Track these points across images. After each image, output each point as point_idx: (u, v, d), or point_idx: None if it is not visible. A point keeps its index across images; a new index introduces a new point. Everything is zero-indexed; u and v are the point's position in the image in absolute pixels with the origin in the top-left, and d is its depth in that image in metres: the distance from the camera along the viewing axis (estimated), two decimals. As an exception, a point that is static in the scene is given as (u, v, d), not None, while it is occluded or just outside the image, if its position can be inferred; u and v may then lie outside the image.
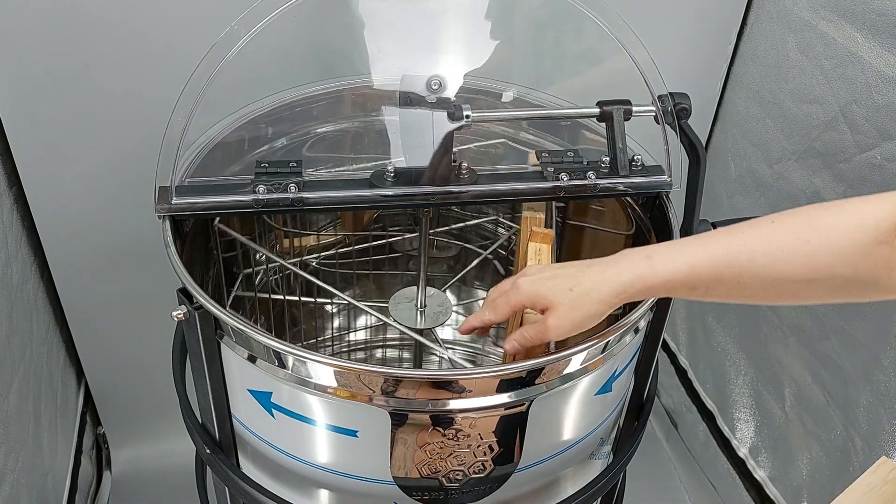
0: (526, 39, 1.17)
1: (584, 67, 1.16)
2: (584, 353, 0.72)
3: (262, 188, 0.81)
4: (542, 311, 0.66)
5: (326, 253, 1.13)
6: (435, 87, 0.81)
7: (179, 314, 0.72)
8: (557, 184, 0.86)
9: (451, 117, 0.80)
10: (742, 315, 1.34)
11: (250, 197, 0.80)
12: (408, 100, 0.81)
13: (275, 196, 0.80)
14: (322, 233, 1.11)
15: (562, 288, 0.64)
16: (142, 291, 1.25)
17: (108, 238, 1.20)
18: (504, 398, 0.71)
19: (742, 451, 1.36)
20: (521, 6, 1.15)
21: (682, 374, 1.55)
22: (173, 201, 0.79)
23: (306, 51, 1.09)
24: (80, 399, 1.38)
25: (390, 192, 0.83)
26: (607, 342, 0.74)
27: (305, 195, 0.81)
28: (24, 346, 1.09)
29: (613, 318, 0.93)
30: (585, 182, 0.86)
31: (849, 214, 0.60)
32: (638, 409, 0.92)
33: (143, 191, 0.91)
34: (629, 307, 0.87)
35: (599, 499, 0.92)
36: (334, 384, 0.69)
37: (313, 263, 1.12)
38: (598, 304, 0.64)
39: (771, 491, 1.28)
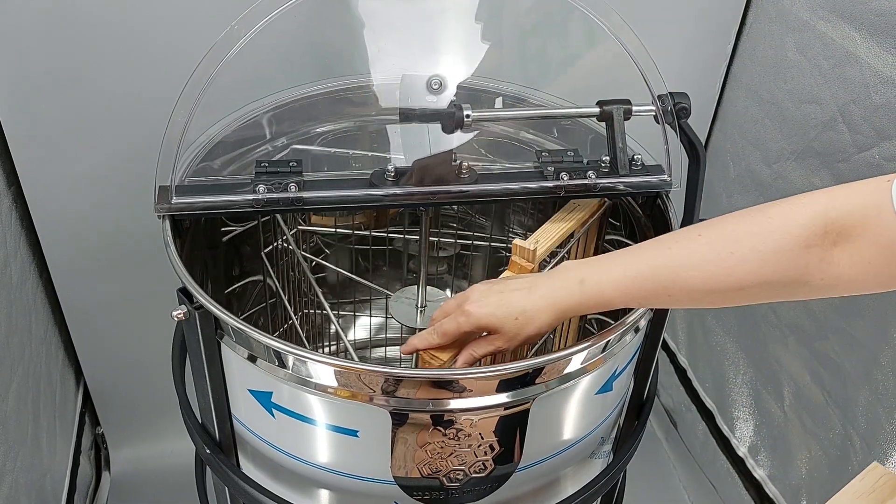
0: (526, 39, 1.17)
1: (584, 67, 1.16)
2: (585, 352, 0.72)
3: (262, 188, 0.81)
4: (489, 334, 0.70)
5: (327, 253, 1.13)
6: (435, 87, 0.82)
7: (179, 314, 0.72)
8: (558, 183, 0.86)
9: (451, 117, 0.80)
10: (741, 314, 1.34)
11: (250, 196, 0.80)
12: (408, 100, 0.81)
13: (275, 196, 0.80)
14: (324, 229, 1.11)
15: (508, 315, 0.68)
16: (140, 291, 1.25)
17: (107, 238, 1.20)
18: (505, 398, 0.71)
19: (741, 450, 1.36)
20: (520, 6, 1.15)
21: (681, 373, 1.56)
22: (173, 201, 0.79)
23: (306, 50, 1.09)
24: (78, 399, 1.38)
25: (390, 191, 0.83)
26: (607, 342, 0.74)
27: (305, 195, 0.81)
28: (22, 345, 1.09)
29: (614, 318, 0.93)
30: (586, 181, 0.86)
31: (773, 221, 0.60)
32: (638, 409, 0.92)
33: (142, 190, 0.91)
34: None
35: (599, 498, 0.92)
36: (335, 384, 0.69)
37: (314, 263, 1.12)
38: (540, 327, 0.68)
39: (770, 490, 1.28)
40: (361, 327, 1.25)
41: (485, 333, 0.71)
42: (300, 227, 1.07)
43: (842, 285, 0.59)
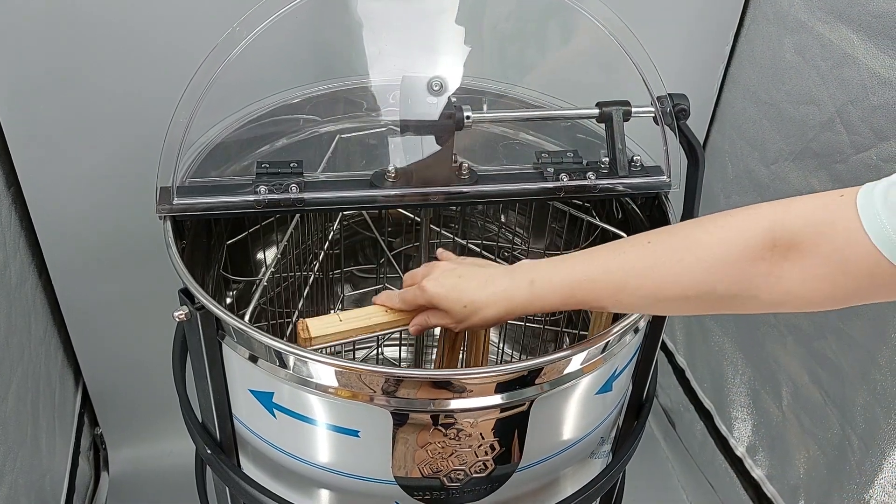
0: (526, 40, 1.18)
1: (583, 68, 1.17)
2: (585, 353, 0.72)
3: (263, 188, 0.81)
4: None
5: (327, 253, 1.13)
6: (436, 88, 0.82)
7: (181, 314, 0.72)
8: (557, 184, 0.86)
9: (452, 118, 0.80)
10: (740, 314, 1.35)
11: (251, 197, 0.80)
12: (408, 100, 0.81)
13: (276, 196, 0.81)
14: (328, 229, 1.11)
15: (458, 301, 0.69)
16: (139, 291, 1.25)
17: (107, 238, 1.20)
18: (505, 398, 0.71)
19: (739, 450, 1.36)
20: (520, 8, 1.15)
21: (679, 373, 1.56)
22: (175, 202, 0.80)
23: (307, 51, 1.09)
24: (77, 399, 1.38)
25: (391, 192, 0.83)
26: (607, 342, 0.74)
27: (306, 195, 0.81)
28: (22, 346, 1.09)
29: (614, 318, 0.94)
30: (585, 182, 0.87)
31: (721, 231, 0.60)
32: (637, 409, 0.93)
33: (142, 191, 0.91)
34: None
35: (599, 498, 0.93)
36: (335, 384, 0.70)
37: (315, 263, 1.12)
38: (486, 319, 0.69)
39: (768, 489, 1.29)
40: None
41: None
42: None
43: (791, 301, 0.58)
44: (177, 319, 0.72)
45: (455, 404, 0.70)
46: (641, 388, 0.91)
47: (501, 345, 1.23)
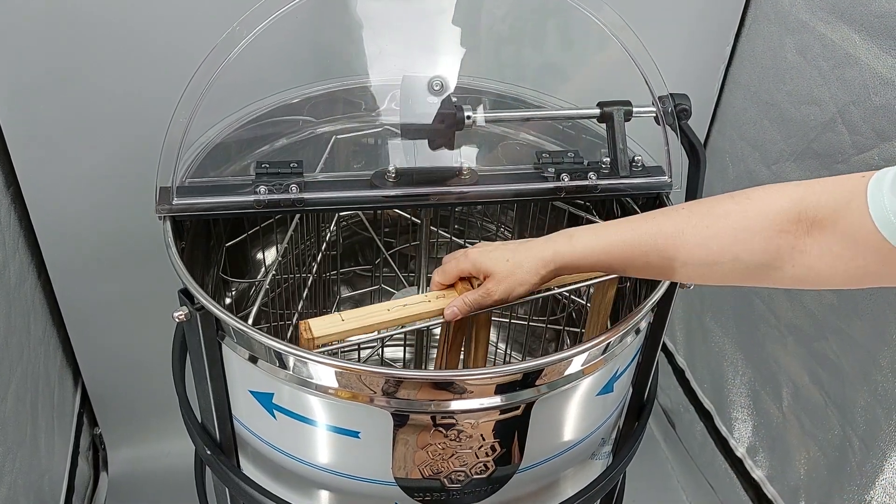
0: (527, 40, 1.17)
1: (584, 68, 1.17)
2: (586, 354, 0.72)
3: (263, 188, 0.80)
4: (483, 279, 0.74)
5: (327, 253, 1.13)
6: (436, 88, 0.81)
7: (181, 315, 0.72)
8: (559, 184, 0.86)
9: (452, 118, 0.80)
10: (739, 315, 1.34)
11: (251, 198, 0.80)
12: (408, 100, 0.81)
13: (276, 196, 0.80)
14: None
15: (500, 259, 0.73)
16: (139, 291, 1.25)
17: (106, 238, 1.20)
18: (506, 399, 0.71)
19: (740, 451, 1.36)
20: (522, 7, 1.15)
21: (679, 374, 1.56)
22: (174, 202, 0.79)
23: (307, 51, 1.09)
24: (76, 399, 1.38)
25: (391, 192, 0.83)
26: (608, 343, 0.74)
27: (306, 196, 0.81)
28: (21, 346, 1.09)
29: (614, 319, 0.94)
30: (586, 183, 0.87)
31: (751, 202, 0.63)
32: (638, 410, 0.92)
33: (141, 191, 0.91)
34: (629, 308, 0.87)
35: (599, 499, 0.92)
36: (335, 385, 0.69)
37: (315, 264, 1.12)
38: (527, 274, 0.72)
39: (769, 490, 1.28)
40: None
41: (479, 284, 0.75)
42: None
43: (812, 277, 0.61)
44: (176, 320, 0.72)
45: (455, 405, 0.70)
46: (642, 390, 0.91)
47: (503, 346, 1.22)
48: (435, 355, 1.26)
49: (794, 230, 0.60)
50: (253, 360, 0.72)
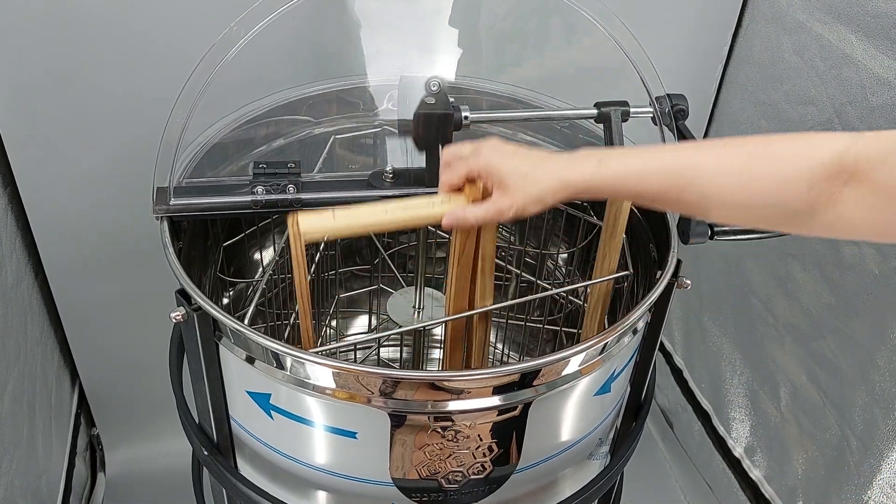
0: (524, 41, 1.18)
1: (581, 68, 1.16)
2: (583, 354, 0.72)
3: (260, 189, 0.80)
4: (489, 189, 0.68)
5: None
6: (434, 89, 0.81)
7: (178, 316, 0.72)
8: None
9: (450, 118, 0.80)
10: (738, 314, 1.35)
11: (248, 198, 0.80)
12: (406, 100, 0.81)
13: (273, 197, 0.80)
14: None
15: (518, 170, 0.66)
16: (136, 292, 1.24)
17: (104, 238, 1.19)
18: (503, 399, 0.71)
19: (738, 451, 1.36)
20: (520, 8, 1.15)
21: (677, 373, 1.56)
22: (171, 202, 0.79)
23: (304, 51, 1.09)
24: (74, 400, 1.38)
25: (388, 192, 0.82)
26: (605, 343, 0.74)
27: (304, 196, 0.81)
28: (18, 347, 1.08)
29: (612, 319, 0.94)
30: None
31: (800, 146, 0.61)
32: (636, 410, 0.92)
33: (139, 191, 0.91)
34: (626, 308, 0.87)
35: (597, 500, 0.92)
36: (333, 385, 0.69)
37: (313, 263, 1.12)
38: (544, 193, 0.66)
39: (766, 490, 1.28)
40: (360, 327, 1.25)
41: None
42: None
43: (841, 225, 0.59)
44: (173, 321, 0.72)
45: (453, 406, 0.70)
46: (640, 389, 0.91)
47: (500, 346, 1.22)
48: (433, 356, 1.26)
49: (834, 179, 0.58)
50: (250, 360, 0.72)
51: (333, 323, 1.20)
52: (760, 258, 1.26)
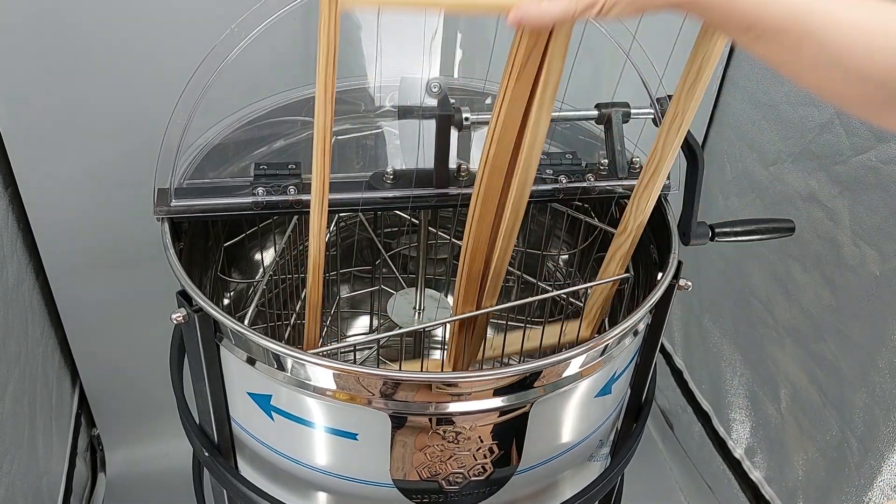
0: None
1: (582, 70, 1.16)
2: (584, 356, 0.72)
3: (261, 190, 0.80)
4: None
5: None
6: (434, 90, 0.81)
7: (179, 317, 0.72)
8: (556, 186, 0.86)
9: (450, 120, 0.80)
10: (738, 316, 1.35)
11: (249, 199, 0.80)
12: (407, 102, 0.81)
13: (274, 198, 0.80)
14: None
15: None
16: (137, 292, 1.24)
17: (105, 239, 1.19)
18: (504, 401, 0.71)
19: (738, 452, 1.36)
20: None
21: (677, 374, 1.56)
22: (172, 203, 0.79)
23: (305, 52, 1.09)
24: (74, 400, 1.38)
25: (389, 194, 0.83)
26: (606, 345, 0.74)
27: (304, 197, 0.81)
28: (19, 347, 1.08)
29: (612, 321, 0.94)
30: (584, 184, 0.87)
31: None
32: (636, 411, 0.92)
33: (139, 192, 0.91)
34: (627, 310, 0.87)
35: (597, 501, 0.92)
36: (333, 387, 0.69)
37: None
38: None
39: (766, 491, 1.28)
40: (360, 328, 1.25)
41: None
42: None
43: None
44: (174, 322, 0.72)
45: (453, 407, 0.70)
46: (640, 391, 0.91)
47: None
48: (434, 357, 1.26)
49: None
50: (251, 361, 0.72)
51: (334, 322, 1.20)
52: (761, 259, 1.26)
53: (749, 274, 1.30)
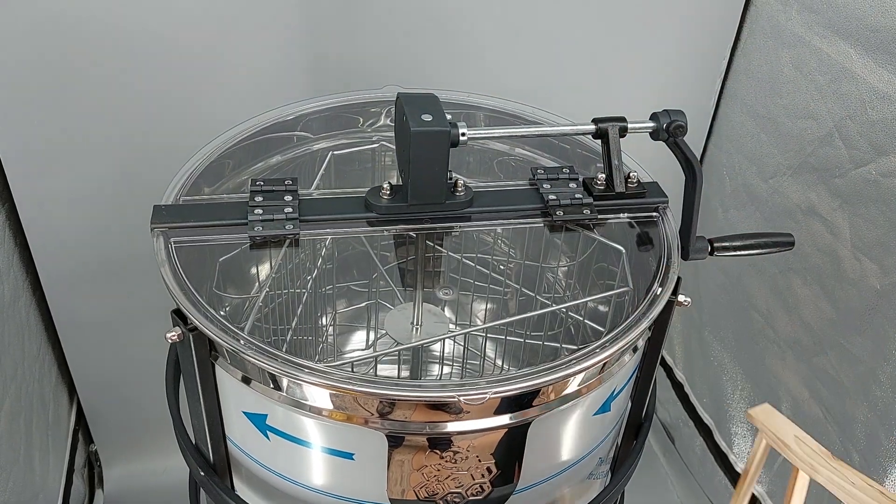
0: (522, 56, 1.17)
1: (580, 84, 1.16)
2: (582, 374, 0.71)
3: (258, 210, 0.80)
4: None
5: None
6: (431, 105, 0.81)
7: (173, 336, 0.71)
8: (554, 202, 0.86)
9: (447, 136, 0.80)
10: (738, 329, 1.34)
11: (246, 216, 0.80)
12: (403, 117, 0.80)
13: (271, 216, 0.80)
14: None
15: None
16: (134, 308, 1.24)
17: (101, 255, 1.19)
18: (502, 419, 0.70)
19: (740, 466, 1.35)
20: (516, 24, 1.15)
21: (678, 387, 1.55)
22: (168, 221, 0.79)
23: (300, 68, 1.09)
24: (72, 417, 1.37)
25: (385, 210, 0.82)
26: (605, 363, 0.73)
27: (302, 215, 0.80)
28: (15, 364, 1.08)
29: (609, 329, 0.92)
30: (582, 201, 0.86)
31: None
32: (636, 428, 0.92)
33: (135, 207, 0.90)
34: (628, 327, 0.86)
35: (598, 518, 0.91)
36: (330, 406, 0.69)
37: (310, 278, 1.11)
38: None
39: (769, 506, 1.27)
40: (357, 343, 1.24)
41: None
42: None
43: None
44: (169, 341, 0.71)
45: (451, 427, 0.69)
46: (640, 407, 0.90)
47: (499, 361, 1.22)
48: (432, 372, 1.25)
49: None
50: (246, 380, 0.71)
51: (330, 337, 1.19)
52: (761, 273, 1.26)
53: (749, 287, 1.29)
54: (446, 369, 1.20)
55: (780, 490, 1.25)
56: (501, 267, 1.16)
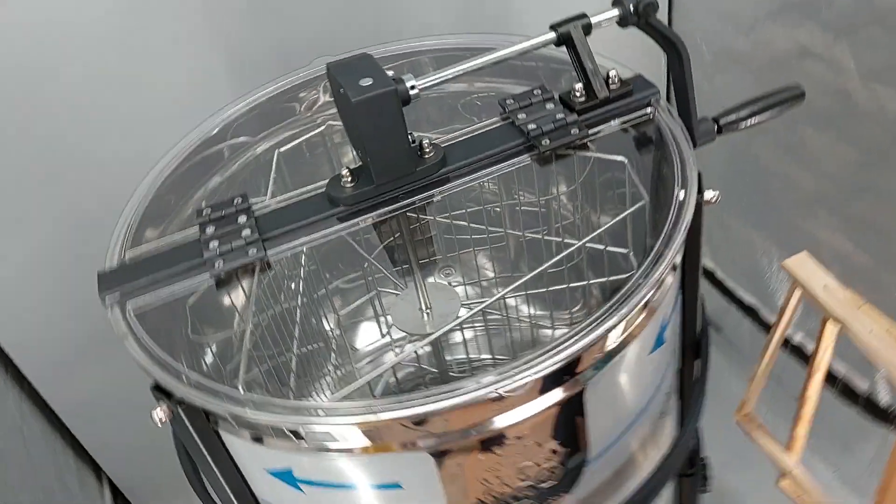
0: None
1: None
2: (625, 320, 0.61)
3: (213, 243, 0.69)
4: None
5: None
6: (366, 66, 0.69)
7: (161, 415, 0.62)
8: (536, 132, 0.75)
9: (395, 95, 0.68)
10: (758, 200, 1.25)
11: (203, 254, 0.69)
12: (340, 90, 0.69)
13: (229, 246, 0.69)
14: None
15: None
16: (129, 374, 1.14)
17: (71, 329, 1.09)
18: (554, 395, 0.61)
19: (796, 339, 1.28)
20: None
21: (709, 275, 1.47)
22: (118, 287, 0.68)
23: (219, 73, 0.97)
24: (106, 494, 1.30)
25: (352, 200, 0.71)
26: (647, 298, 0.63)
27: (262, 234, 0.70)
28: (22, 472, 0.99)
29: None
30: (566, 121, 0.75)
31: None
32: (695, 345, 0.83)
33: (86, 273, 0.80)
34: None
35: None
36: (358, 442, 0.59)
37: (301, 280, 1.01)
38: None
39: (834, 369, 1.21)
40: (369, 337, 1.14)
41: None
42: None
43: None
44: (159, 423, 0.62)
45: (498, 422, 0.60)
46: (693, 322, 0.81)
47: (525, 308, 1.12)
48: (458, 352, 1.15)
49: None
50: (258, 439, 0.62)
51: (333, 344, 1.10)
52: (767, 134, 1.16)
53: (759, 153, 1.20)
54: (471, 345, 1.11)
55: (846, 349, 1.17)
56: (497, 209, 1.06)
